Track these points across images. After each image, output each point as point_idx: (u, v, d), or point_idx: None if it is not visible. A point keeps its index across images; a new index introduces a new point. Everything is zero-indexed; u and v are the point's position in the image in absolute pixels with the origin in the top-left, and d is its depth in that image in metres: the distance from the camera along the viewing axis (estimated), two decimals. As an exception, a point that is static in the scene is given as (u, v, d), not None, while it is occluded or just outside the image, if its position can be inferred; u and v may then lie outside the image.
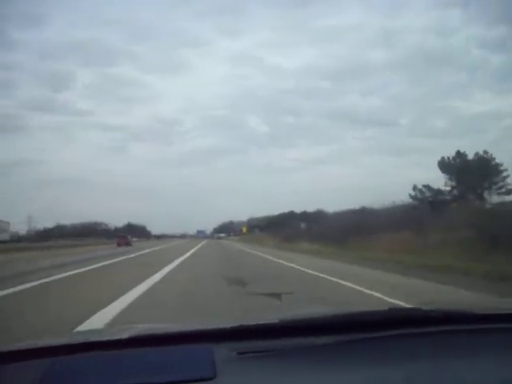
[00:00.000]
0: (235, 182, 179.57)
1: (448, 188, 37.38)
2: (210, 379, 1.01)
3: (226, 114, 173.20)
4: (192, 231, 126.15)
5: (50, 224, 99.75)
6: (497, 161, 37.15)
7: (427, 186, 36.75)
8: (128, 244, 47.77)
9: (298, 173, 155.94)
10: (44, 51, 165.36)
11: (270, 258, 20.70)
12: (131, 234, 68.60)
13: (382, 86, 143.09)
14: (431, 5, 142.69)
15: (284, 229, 48.56)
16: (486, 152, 37.62)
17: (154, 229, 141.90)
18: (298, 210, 73.89)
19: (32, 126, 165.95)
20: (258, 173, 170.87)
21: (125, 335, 1.20)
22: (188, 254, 23.88)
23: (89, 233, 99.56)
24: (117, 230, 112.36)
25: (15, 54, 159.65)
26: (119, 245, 46.28)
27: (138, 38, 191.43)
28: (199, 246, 37.08)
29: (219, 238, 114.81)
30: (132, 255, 24.25)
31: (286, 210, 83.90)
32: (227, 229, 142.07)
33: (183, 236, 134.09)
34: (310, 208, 66.08)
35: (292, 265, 15.98)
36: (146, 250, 31.32)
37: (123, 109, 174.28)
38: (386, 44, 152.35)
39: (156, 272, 12.48)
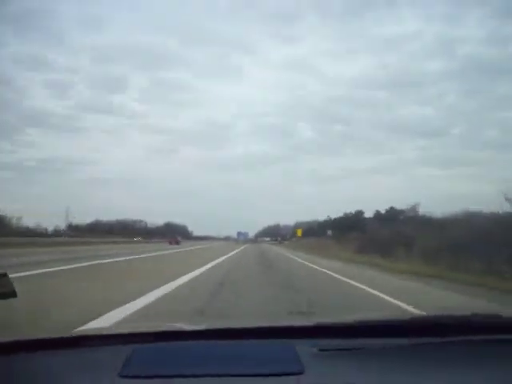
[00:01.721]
0: (282, 188, 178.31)
1: None
2: (300, 374, 1.01)
3: (277, 121, 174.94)
4: (235, 234, 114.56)
5: (89, 219, 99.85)
6: None
7: None
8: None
9: (345, 181, 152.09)
10: (102, 55, 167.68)
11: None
12: (169, 233, 75.55)
13: (436, 97, 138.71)
14: (489, 14, 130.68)
15: (357, 234, 33.34)
16: None
17: (197, 230, 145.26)
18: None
19: (87, 126, 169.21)
20: (305, 180, 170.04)
21: (209, 326, 1.26)
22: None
23: (124, 230, 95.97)
24: (157, 228, 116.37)
25: (75, 57, 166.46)
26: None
27: (193, 43, 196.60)
28: (222, 258, 20.88)
29: (262, 241, 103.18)
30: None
31: (332, 216, 72.52)
32: (272, 233, 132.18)
33: (226, 238, 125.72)
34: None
35: None
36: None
37: (175, 112, 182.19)
38: (442, 54, 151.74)
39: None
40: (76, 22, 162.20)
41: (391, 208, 46.67)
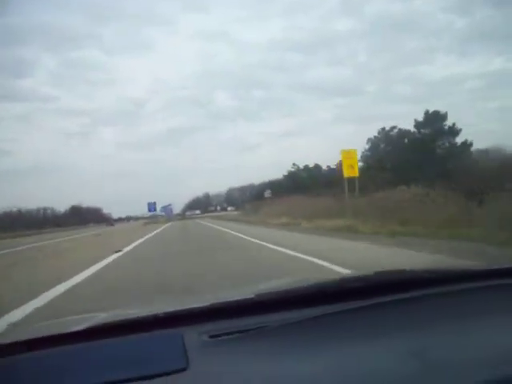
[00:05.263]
0: (206, 159, 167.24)
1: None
2: (182, 370, 0.82)
3: (194, 92, 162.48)
4: (162, 211, 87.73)
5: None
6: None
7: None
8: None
9: (270, 145, 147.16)
10: (4, 37, 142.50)
11: None
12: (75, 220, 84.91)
13: (349, 56, 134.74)
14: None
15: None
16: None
17: (120, 211, 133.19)
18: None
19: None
20: (230, 147, 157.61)
21: (79, 327, 0.97)
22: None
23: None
24: (66, 213, 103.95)
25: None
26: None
27: (102, 19, 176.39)
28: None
29: (193, 216, 77.99)
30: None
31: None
32: (203, 204, 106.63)
33: (152, 217, 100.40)
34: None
35: None
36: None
37: (90, 93, 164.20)
38: (351, 13, 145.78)
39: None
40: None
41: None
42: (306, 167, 54.28)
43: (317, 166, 57.08)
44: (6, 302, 4.62)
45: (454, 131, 26.95)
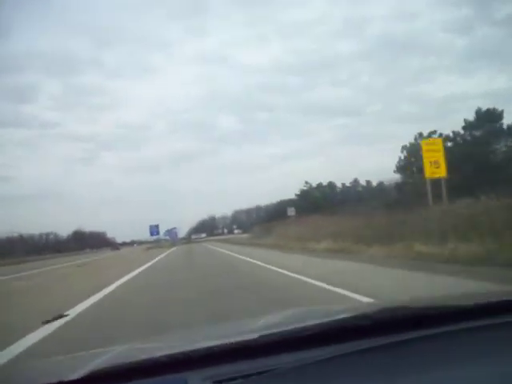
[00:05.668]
0: (211, 182, 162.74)
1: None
2: None
3: (198, 116, 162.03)
4: (167, 235, 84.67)
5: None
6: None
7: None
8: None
9: (276, 167, 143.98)
10: (5, 64, 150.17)
11: None
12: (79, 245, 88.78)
13: (351, 76, 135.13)
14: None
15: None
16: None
17: (124, 235, 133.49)
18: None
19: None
20: (234, 170, 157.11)
21: (74, 375, 0.87)
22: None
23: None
24: (68, 238, 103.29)
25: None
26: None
27: (103, 44, 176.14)
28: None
29: (199, 240, 74.00)
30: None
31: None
32: (209, 227, 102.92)
33: (156, 241, 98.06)
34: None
35: None
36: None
37: (92, 118, 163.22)
38: (352, 34, 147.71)
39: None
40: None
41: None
42: (320, 185, 50.21)
43: (331, 184, 52.97)
44: None
45: (512, 132, 22.70)
